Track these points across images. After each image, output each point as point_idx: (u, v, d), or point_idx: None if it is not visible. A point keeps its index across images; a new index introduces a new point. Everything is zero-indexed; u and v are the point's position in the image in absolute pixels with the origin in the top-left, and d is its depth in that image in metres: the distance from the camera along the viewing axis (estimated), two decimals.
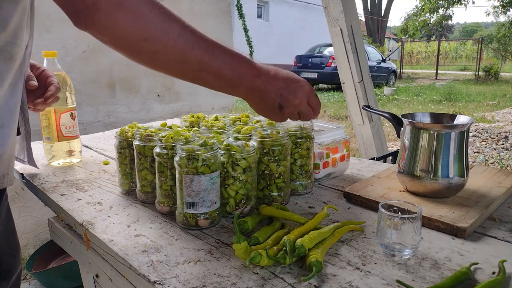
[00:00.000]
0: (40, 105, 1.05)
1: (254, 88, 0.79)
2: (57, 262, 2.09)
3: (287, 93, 0.81)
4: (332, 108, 8.14)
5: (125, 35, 0.68)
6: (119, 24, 0.66)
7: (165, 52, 0.70)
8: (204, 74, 0.74)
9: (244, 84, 0.78)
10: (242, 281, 0.62)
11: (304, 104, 0.83)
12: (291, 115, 0.84)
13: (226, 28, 2.95)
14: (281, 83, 0.80)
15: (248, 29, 11.21)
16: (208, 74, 0.74)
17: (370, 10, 22.42)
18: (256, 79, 0.78)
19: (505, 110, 7.62)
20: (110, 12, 0.64)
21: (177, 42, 0.70)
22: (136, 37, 0.68)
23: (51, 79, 1.06)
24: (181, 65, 0.73)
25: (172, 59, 0.71)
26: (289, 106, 0.81)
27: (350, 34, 2.52)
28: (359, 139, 2.84)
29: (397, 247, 0.67)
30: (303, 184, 0.99)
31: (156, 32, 0.68)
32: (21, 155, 1.08)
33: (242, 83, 0.78)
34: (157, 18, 0.68)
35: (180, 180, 0.78)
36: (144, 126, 0.99)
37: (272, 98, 0.80)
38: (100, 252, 0.79)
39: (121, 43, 0.70)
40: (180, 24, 0.71)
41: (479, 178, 1.01)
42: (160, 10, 0.69)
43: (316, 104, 0.86)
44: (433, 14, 15.02)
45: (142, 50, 0.70)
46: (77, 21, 0.67)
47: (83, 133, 1.86)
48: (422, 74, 19.51)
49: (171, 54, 0.71)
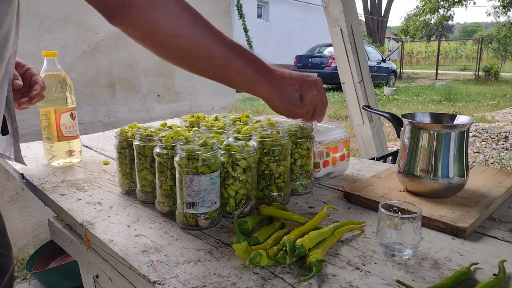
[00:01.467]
0: (25, 104, 1.03)
1: (273, 84, 0.82)
2: (57, 262, 2.09)
3: (304, 85, 0.85)
4: (332, 108, 8.14)
5: (157, 31, 0.70)
6: (152, 20, 0.69)
7: (194, 47, 0.74)
8: (228, 70, 0.78)
9: (263, 82, 0.81)
10: (242, 281, 0.62)
11: (321, 95, 0.88)
12: (310, 106, 0.87)
13: (226, 28, 2.95)
14: (296, 80, 0.85)
15: (248, 29, 11.22)
16: (231, 70, 0.78)
17: (370, 10, 22.41)
18: (272, 77, 0.82)
19: (505, 110, 7.62)
20: (144, 8, 0.67)
21: (203, 38, 0.73)
22: (168, 33, 0.71)
23: (36, 77, 1.05)
24: (208, 61, 0.76)
25: (199, 55, 0.75)
26: (309, 95, 0.86)
27: (350, 34, 2.52)
28: (359, 139, 2.84)
29: (397, 247, 0.67)
30: (303, 184, 0.99)
31: (186, 28, 0.72)
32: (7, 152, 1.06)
33: (261, 80, 0.81)
34: (184, 14, 0.71)
35: (180, 180, 0.78)
36: (144, 126, 0.99)
37: (291, 91, 0.84)
38: (100, 252, 0.79)
39: (152, 39, 0.73)
40: (205, 21, 0.75)
41: (479, 178, 1.01)
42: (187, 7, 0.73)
43: (326, 101, 0.91)
44: (434, 15, 15.02)
45: (172, 46, 0.73)
46: (112, 18, 0.69)
47: (83, 133, 1.86)
48: (422, 74, 19.51)
49: (198, 50, 0.74)
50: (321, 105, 0.89)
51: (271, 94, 0.83)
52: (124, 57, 2.41)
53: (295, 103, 0.85)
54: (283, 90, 0.84)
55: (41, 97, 1.06)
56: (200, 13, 0.75)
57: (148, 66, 2.54)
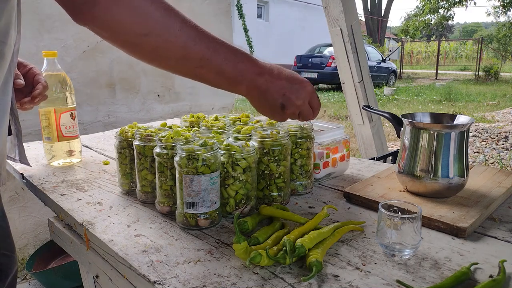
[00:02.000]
0: (27, 104, 1.02)
1: (256, 87, 0.77)
2: (57, 262, 2.09)
3: (290, 93, 0.79)
4: (332, 108, 8.13)
5: (124, 30, 0.66)
6: (118, 18, 0.64)
7: (166, 47, 0.68)
8: (205, 71, 0.73)
9: (246, 82, 0.76)
10: (242, 281, 0.62)
11: (305, 105, 0.82)
12: (292, 115, 0.83)
13: (226, 28, 2.95)
14: (284, 83, 0.79)
15: (248, 29, 11.23)
16: (209, 71, 0.73)
17: (370, 10, 22.42)
18: (258, 77, 0.76)
19: (505, 110, 7.62)
20: (109, 6, 0.63)
21: (178, 38, 0.68)
22: (136, 32, 0.66)
23: (39, 77, 1.03)
24: (182, 61, 0.71)
25: (173, 55, 0.70)
26: (291, 106, 0.80)
27: (350, 34, 2.52)
28: (359, 139, 2.84)
29: (397, 247, 0.67)
30: (303, 184, 0.99)
31: (157, 27, 0.66)
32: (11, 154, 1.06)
33: (243, 80, 0.76)
34: (158, 12, 0.66)
35: (180, 180, 0.78)
36: (144, 126, 0.99)
37: (274, 97, 0.78)
38: (100, 252, 0.79)
39: (120, 39, 0.68)
40: (181, 19, 0.69)
41: (479, 178, 1.01)
42: (160, 5, 0.67)
43: (317, 105, 0.85)
44: (434, 15, 15.02)
45: (142, 46, 0.68)
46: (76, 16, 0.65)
47: (83, 133, 1.86)
48: (422, 74, 19.51)
49: (172, 50, 0.69)
50: (307, 111, 0.84)
51: (252, 97, 0.79)
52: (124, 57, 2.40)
53: (276, 110, 0.80)
54: (265, 95, 0.78)
55: (44, 97, 1.05)
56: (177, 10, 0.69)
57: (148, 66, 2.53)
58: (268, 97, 0.78)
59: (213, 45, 0.71)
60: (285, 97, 0.79)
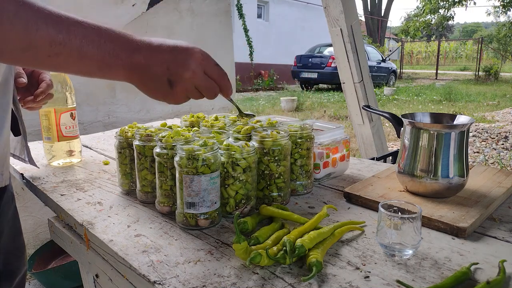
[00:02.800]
0: (31, 103, 0.98)
1: (134, 66, 0.65)
2: (57, 262, 2.09)
3: (175, 65, 0.67)
4: (332, 108, 8.13)
5: None
6: None
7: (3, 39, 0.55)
8: (63, 59, 0.60)
9: (120, 63, 0.64)
10: (242, 281, 0.62)
11: (199, 76, 0.69)
12: (187, 92, 0.70)
13: (226, 28, 2.95)
14: (167, 55, 0.67)
15: (248, 29, 11.18)
16: (68, 57, 0.60)
17: (370, 10, 22.41)
18: (134, 54, 0.65)
19: (505, 110, 7.62)
20: None
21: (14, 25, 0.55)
22: None
23: (44, 75, 1.00)
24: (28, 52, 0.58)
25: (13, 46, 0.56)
26: (180, 81, 0.68)
27: (350, 34, 2.52)
28: (359, 139, 2.84)
29: (397, 247, 0.67)
30: (303, 184, 0.98)
31: None
32: (22, 155, 1.07)
33: (117, 62, 0.64)
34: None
35: (180, 180, 0.78)
36: (144, 126, 0.99)
37: (158, 74, 0.67)
38: (100, 252, 0.79)
39: None
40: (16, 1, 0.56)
41: (479, 178, 1.01)
42: None
43: (217, 74, 0.72)
44: (434, 15, 15.02)
45: None
46: None
47: (83, 133, 1.86)
48: (422, 74, 19.51)
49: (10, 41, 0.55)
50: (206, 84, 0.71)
51: (133, 80, 0.67)
52: None
53: (165, 90, 0.68)
54: (147, 73, 0.66)
55: (50, 96, 1.01)
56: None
57: None
58: (151, 75, 0.67)
59: (66, 26, 0.59)
60: (170, 71, 0.67)
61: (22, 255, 0.86)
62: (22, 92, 0.97)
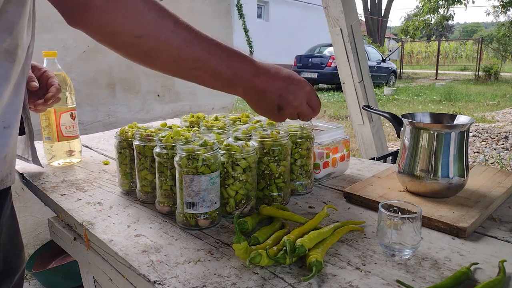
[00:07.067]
0: (41, 106, 1.05)
1: (253, 88, 0.77)
2: (57, 262, 2.09)
3: (287, 93, 0.78)
4: (332, 108, 8.13)
5: (117, 32, 0.65)
6: (111, 21, 0.64)
7: (159, 49, 0.68)
8: (200, 72, 0.72)
9: (242, 84, 0.76)
10: (242, 281, 0.62)
11: (304, 105, 0.82)
12: (290, 116, 0.82)
13: (226, 28, 2.95)
14: (281, 83, 0.78)
15: (248, 29, 11.21)
16: (204, 72, 0.72)
17: (370, 10, 22.42)
18: (255, 78, 0.76)
19: (505, 110, 7.62)
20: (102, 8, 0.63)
21: (171, 39, 0.67)
22: (129, 34, 0.65)
23: (52, 80, 1.06)
24: (176, 63, 0.70)
25: (166, 57, 0.69)
26: (288, 107, 0.80)
27: (350, 34, 2.52)
28: (359, 139, 2.84)
29: (397, 247, 0.67)
30: (303, 184, 0.98)
31: (149, 28, 0.66)
32: (25, 154, 1.09)
33: (240, 82, 0.75)
34: (150, 14, 0.66)
35: (180, 180, 0.78)
36: (144, 126, 0.99)
37: (271, 98, 0.78)
38: (100, 252, 0.79)
39: (114, 41, 0.68)
40: (174, 20, 0.68)
41: (479, 178, 1.01)
42: (153, 6, 0.66)
43: (316, 105, 0.84)
44: (434, 14, 15.02)
45: (135, 48, 0.68)
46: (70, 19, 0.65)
47: (83, 133, 1.86)
48: (422, 74, 19.51)
49: (165, 52, 0.68)
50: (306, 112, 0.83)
51: (249, 99, 0.79)
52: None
53: (273, 112, 0.80)
54: (262, 96, 0.77)
55: (57, 99, 1.07)
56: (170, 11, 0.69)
57: None
58: (265, 98, 0.78)
59: (208, 46, 0.71)
60: (282, 98, 0.78)
61: (20, 253, 0.87)
62: (30, 95, 1.01)
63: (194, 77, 0.74)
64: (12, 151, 0.76)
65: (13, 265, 0.83)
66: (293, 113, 0.82)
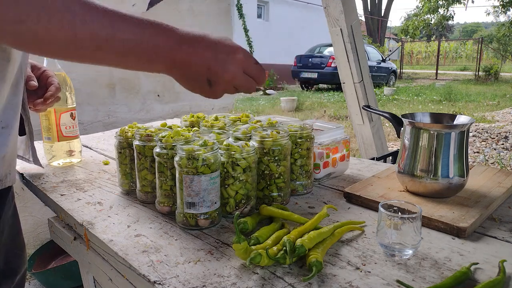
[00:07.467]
0: (40, 106, 1.05)
1: (175, 62, 0.66)
2: (57, 262, 2.09)
3: (216, 65, 0.67)
4: (332, 108, 8.14)
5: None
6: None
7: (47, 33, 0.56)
8: (104, 53, 0.61)
9: (161, 59, 0.65)
10: (242, 281, 0.62)
11: (239, 77, 0.70)
12: (226, 91, 0.72)
13: (226, 28, 2.95)
14: (208, 53, 0.67)
15: (248, 29, 11.19)
16: (110, 52, 0.61)
17: (370, 10, 22.41)
18: (175, 51, 0.65)
19: (505, 110, 7.62)
20: None
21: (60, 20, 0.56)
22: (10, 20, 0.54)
23: (52, 79, 1.05)
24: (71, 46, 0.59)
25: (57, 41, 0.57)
26: (219, 83, 0.69)
27: (350, 34, 2.52)
28: (359, 139, 2.84)
29: (397, 247, 0.67)
30: (303, 184, 0.98)
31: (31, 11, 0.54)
32: (26, 155, 1.09)
33: (157, 58, 0.65)
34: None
35: (180, 180, 0.78)
36: (144, 126, 0.99)
37: (199, 72, 0.67)
38: (100, 252, 0.79)
39: None
40: None
41: (479, 178, 1.01)
42: None
43: (257, 73, 0.73)
44: (434, 14, 15.02)
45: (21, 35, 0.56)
46: None
47: (83, 133, 1.86)
48: (422, 74, 19.51)
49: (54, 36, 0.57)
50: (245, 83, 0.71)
51: (174, 75, 0.68)
52: None
53: (204, 88, 0.69)
54: (188, 70, 0.67)
55: (57, 99, 1.07)
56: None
57: None
58: (192, 72, 0.67)
59: (109, 21, 0.60)
60: (211, 72, 0.68)
61: (22, 253, 0.87)
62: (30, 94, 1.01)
63: (102, 60, 0.63)
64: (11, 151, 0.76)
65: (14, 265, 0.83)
66: (228, 88, 0.71)
